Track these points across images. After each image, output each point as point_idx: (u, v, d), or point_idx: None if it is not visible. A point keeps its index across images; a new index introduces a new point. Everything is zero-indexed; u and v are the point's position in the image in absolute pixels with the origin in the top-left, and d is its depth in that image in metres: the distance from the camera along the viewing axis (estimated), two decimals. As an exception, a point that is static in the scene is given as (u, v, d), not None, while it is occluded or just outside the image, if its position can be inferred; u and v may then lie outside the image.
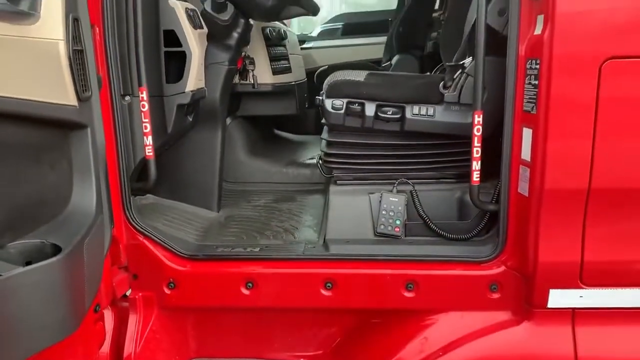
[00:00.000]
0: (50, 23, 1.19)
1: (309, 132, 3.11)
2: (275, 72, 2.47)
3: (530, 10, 1.45)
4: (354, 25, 3.88)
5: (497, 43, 1.55)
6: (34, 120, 1.18)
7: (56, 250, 1.16)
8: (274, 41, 2.51)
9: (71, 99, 1.25)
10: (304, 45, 3.72)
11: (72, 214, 1.31)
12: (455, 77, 1.75)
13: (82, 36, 1.31)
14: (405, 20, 3.21)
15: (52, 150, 1.27)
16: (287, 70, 2.60)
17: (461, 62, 1.74)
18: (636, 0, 1.35)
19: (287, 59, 2.64)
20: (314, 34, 4.05)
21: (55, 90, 1.22)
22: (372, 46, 3.71)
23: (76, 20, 1.28)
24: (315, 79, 3.29)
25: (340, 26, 3.93)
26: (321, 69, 3.37)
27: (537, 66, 1.42)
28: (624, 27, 1.36)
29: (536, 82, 1.43)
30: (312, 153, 2.70)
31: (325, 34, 3.96)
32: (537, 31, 1.43)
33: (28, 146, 1.20)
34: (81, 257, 1.23)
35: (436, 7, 3.52)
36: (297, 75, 2.73)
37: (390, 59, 3.32)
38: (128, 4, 1.57)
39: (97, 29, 1.54)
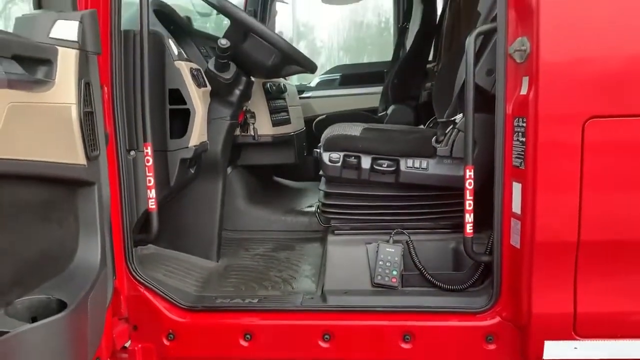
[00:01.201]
0: (64, 88, 1.27)
1: (307, 178, 3.17)
2: (275, 123, 2.56)
3: (516, 72, 1.53)
4: (351, 76, 4.02)
5: (486, 101, 1.63)
6: (44, 179, 1.24)
7: (61, 305, 1.20)
8: (274, 95, 2.61)
9: (80, 159, 1.32)
10: (303, 95, 3.84)
11: (77, 268, 1.35)
12: (447, 132, 1.83)
13: (92, 98, 1.38)
14: (400, 72, 3.33)
15: (60, 207, 1.33)
16: (287, 121, 2.69)
17: (452, 119, 1.82)
18: (614, 64, 1.44)
19: (287, 111, 2.73)
20: (313, 84, 4.19)
21: (66, 150, 1.28)
22: (368, 96, 3.83)
23: (88, 84, 1.36)
24: (313, 127, 3.39)
25: (337, 77, 4.06)
26: (319, 118, 3.47)
27: (524, 124, 1.49)
28: (603, 88, 1.43)
29: (524, 139, 1.50)
30: (311, 200, 2.76)
31: (323, 84, 4.09)
32: (523, 91, 1.51)
33: (37, 204, 1.25)
34: (85, 312, 1.26)
35: (430, 58, 3.68)
36: (296, 125, 2.82)
37: (385, 109, 3.43)
38: (136, 65, 1.66)
39: (106, 88, 1.63)
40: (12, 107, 1.10)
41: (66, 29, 1.30)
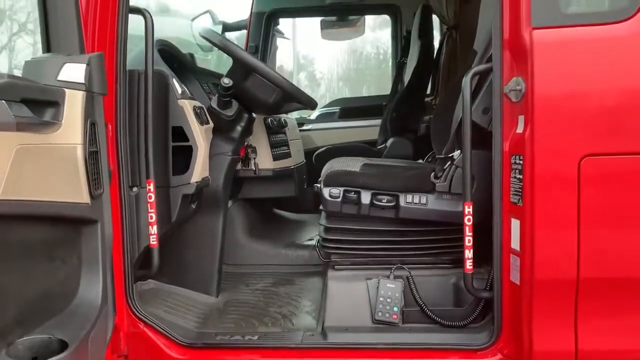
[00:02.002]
0: (71, 129, 1.30)
1: (307, 210, 3.19)
2: (275, 158, 2.59)
3: (512, 110, 1.56)
4: (350, 109, 4.08)
5: (483, 137, 1.66)
6: (49, 219, 1.26)
7: (62, 345, 1.20)
8: (275, 129, 2.66)
9: (84, 197, 1.34)
10: (303, 128, 3.89)
11: (79, 307, 1.35)
12: (445, 167, 1.85)
13: (97, 138, 1.41)
14: (398, 105, 3.38)
15: (63, 246, 1.34)
16: (287, 155, 2.73)
17: (450, 155, 1.85)
18: (608, 103, 1.48)
19: (287, 145, 2.77)
20: (313, 117, 4.25)
21: (71, 190, 1.30)
22: (367, 128, 3.88)
23: (93, 124, 1.39)
24: (313, 159, 3.42)
25: (337, 110, 4.12)
26: (319, 150, 3.51)
27: (521, 162, 1.52)
28: (597, 127, 1.46)
29: (521, 177, 1.52)
30: (311, 233, 2.77)
31: (323, 117, 4.14)
32: (519, 130, 1.54)
33: (41, 243, 1.27)
34: (85, 351, 1.26)
35: (427, 92, 3.74)
36: (296, 159, 2.85)
37: (385, 141, 3.47)
38: (140, 104, 1.70)
39: (110, 126, 1.66)
40: (20, 149, 1.13)
41: (74, 71, 1.34)
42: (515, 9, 1.52)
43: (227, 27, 3.68)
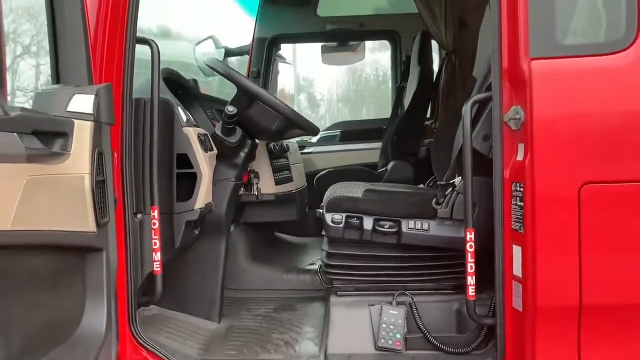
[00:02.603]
0: (79, 160, 1.32)
1: (308, 233, 3.19)
2: (278, 182, 2.61)
3: (512, 139, 1.59)
4: (351, 133, 4.11)
5: (484, 164, 1.68)
6: (55, 248, 1.27)
7: (67, 376, 1.20)
8: (277, 154, 2.68)
9: (91, 226, 1.36)
10: (305, 151, 3.91)
11: (83, 336, 1.36)
12: (447, 194, 1.87)
13: (105, 167, 1.44)
14: (399, 130, 3.42)
15: (69, 274, 1.35)
16: (289, 180, 2.75)
17: (452, 182, 1.87)
18: (607, 132, 1.50)
19: (289, 169, 2.79)
20: (314, 140, 4.28)
21: (78, 219, 1.32)
22: (368, 151, 3.91)
23: (101, 154, 1.42)
24: (315, 182, 3.44)
25: (338, 133, 4.16)
26: (321, 174, 3.53)
27: (522, 189, 1.54)
28: (597, 156, 1.49)
29: (522, 204, 1.54)
30: (313, 257, 2.77)
31: (324, 141, 4.17)
32: (520, 158, 1.56)
33: (47, 273, 1.28)
34: (89, 381, 1.26)
35: (427, 116, 3.78)
36: (298, 183, 2.87)
37: (386, 165, 3.49)
38: (146, 132, 1.73)
39: (116, 154, 1.68)
40: (30, 180, 1.15)
41: (83, 102, 1.37)
42: (513, 40, 1.56)
43: (229, 53, 3.73)
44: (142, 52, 1.77)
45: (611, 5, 1.54)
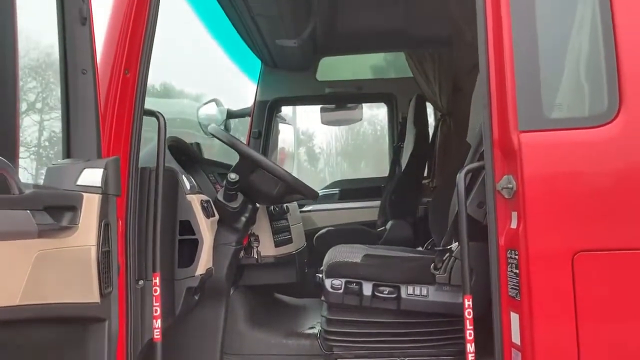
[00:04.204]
0: (86, 232, 1.36)
1: (308, 294, 3.18)
2: (277, 244, 2.64)
3: (505, 206, 1.63)
4: (350, 191, 4.18)
5: (480, 230, 1.73)
6: (59, 320, 1.29)
7: None
8: (277, 216, 2.73)
9: (95, 297, 1.38)
10: (304, 209, 3.95)
11: (82, 409, 1.35)
12: (444, 259, 1.90)
13: (110, 238, 1.48)
14: (397, 189, 3.48)
15: (70, 346, 1.36)
16: (289, 241, 2.78)
17: (449, 247, 1.91)
18: (598, 200, 1.54)
19: (289, 230, 2.83)
20: (313, 198, 4.34)
21: (82, 290, 1.35)
22: (367, 209, 3.95)
23: (107, 225, 1.46)
24: (314, 241, 3.47)
25: (337, 191, 4.22)
26: (320, 232, 3.56)
27: (516, 257, 1.57)
28: (589, 224, 1.53)
29: (517, 271, 1.57)
30: (312, 320, 2.75)
31: (323, 198, 4.23)
32: (513, 225, 1.60)
33: (49, 345, 1.29)
34: None
35: (425, 174, 3.86)
36: (297, 244, 2.90)
37: (384, 223, 3.53)
38: (150, 201, 1.78)
39: (120, 222, 1.72)
40: (39, 255, 1.19)
41: (92, 176, 1.43)
42: (502, 112, 1.63)
43: (231, 114, 3.86)
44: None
45: (593, 80, 1.63)
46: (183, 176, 1.98)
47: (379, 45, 3.96)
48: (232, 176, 2.05)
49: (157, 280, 1.75)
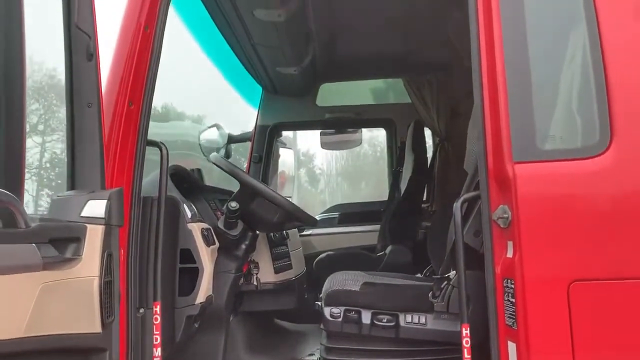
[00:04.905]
0: (89, 263, 1.39)
1: (307, 319, 3.17)
2: (277, 270, 2.66)
3: (501, 236, 1.65)
4: (349, 215, 4.20)
5: (477, 258, 1.75)
6: (60, 351, 1.30)
7: None
8: (277, 242, 2.75)
9: (97, 327, 1.39)
10: (304, 233, 3.97)
11: None
12: (442, 287, 1.92)
13: (112, 268, 1.50)
14: (396, 213, 3.51)
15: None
16: (289, 267, 2.79)
17: (447, 275, 1.93)
18: (593, 230, 1.57)
19: (289, 256, 2.84)
20: (313, 221, 4.35)
21: (84, 320, 1.36)
22: (366, 233, 3.97)
23: (110, 255, 1.49)
24: (314, 266, 3.48)
25: (336, 215, 4.25)
26: (320, 257, 3.58)
27: (513, 286, 1.59)
28: (584, 254, 1.55)
29: (513, 300, 1.58)
30: (312, 346, 2.74)
31: (323, 223, 4.25)
32: (509, 254, 1.63)
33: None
34: None
35: (424, 198, 3.89)
36: (297, 269, 2.91)
37: (384, 248, 3.55)
38: (151, 230, 1.80)
39: (122, 250, 1.75)
40: (44, 287, 1.21)
41: (95, 207, 1.46)
42: (497, 144, 1.67)
43: (232, 139, 3.91)
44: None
45: (585, 113, 1.66)
46: (184, 205, 2.01)
47: (378, 71, 4.04)
48: (233, 204, 2.09)
49: (158, 309, 1.76)
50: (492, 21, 1.68)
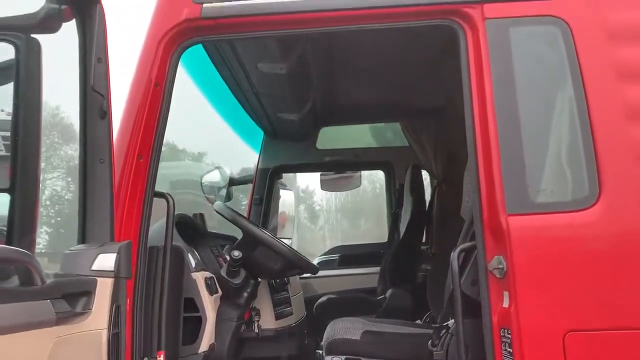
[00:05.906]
0: (99, 316, 1.43)
1: None
2: (277, 317, 2.68)
3: (498, 286, 1.70)
4: (349, 257, 4.23)
5: (475, 307, 1.78)
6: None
7: None
8: (278, 288, 2.78)
9: (103, 380, 1.43)
10: (304, 275, 3.99)
11: None
12: (441, 335, 1.95)
13: (120, 320, 1.54)
14: (395, 256, 3.55)
15: None
16: (289, 313, 2.81)
17: (445, 324, 1.96)
18: (587, 281, 1.61)
19: (289, 302, 2.87)
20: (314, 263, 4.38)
21: (92, 374, 1.40)
22: (367, 276, 4.00)
23: (118, 307, 1.53)
24: (314, 309, 3.50)
25: (336, 257, 4.28)
26: (320, 300, 3.60)
27: (509, 336, 1.63)
28: (578, 305, 1.60)
29: (511, 350, 1.62)
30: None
31: (323, 265, 4.28)
32: (505, 304, 1.67)
33: None
34: None
35: (423, 240, 3.93)
36: (297, 315, 2.93)
37: (384, 290, 3.57)
38: (157, 280, 1.85)
39: (128, 300, 1.78)
40: (57, 341, 1.25)
41: (105, 260, 1.51)
42: (491, 196, 1.73)
43: (234, 182, 3.98)
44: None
45: (575, 167, 1.74)
46: (189, 254, 2.06)
47: (376, 116, 4.15)
48: (236, 254, 2.14)
49: (162, 358, 1.79)
50: (484, 79, 1.78)
